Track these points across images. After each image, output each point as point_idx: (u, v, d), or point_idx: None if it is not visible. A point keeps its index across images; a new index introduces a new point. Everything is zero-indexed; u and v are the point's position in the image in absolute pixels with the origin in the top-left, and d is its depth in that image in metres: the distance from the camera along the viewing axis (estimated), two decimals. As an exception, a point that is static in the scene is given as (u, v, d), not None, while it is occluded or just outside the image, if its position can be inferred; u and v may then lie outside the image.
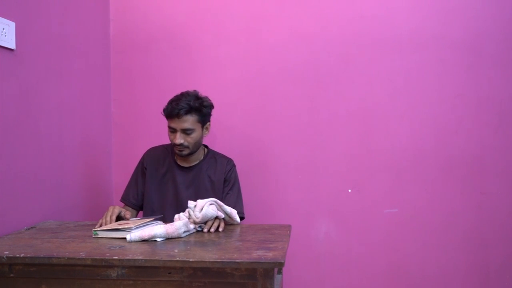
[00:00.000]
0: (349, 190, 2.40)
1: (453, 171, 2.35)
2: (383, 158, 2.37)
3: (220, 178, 2.01)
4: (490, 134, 2.33)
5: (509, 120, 2.32)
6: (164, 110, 1.93)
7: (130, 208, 2.00)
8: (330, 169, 2.40)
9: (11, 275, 1.37)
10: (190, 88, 2.01)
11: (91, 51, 2.31)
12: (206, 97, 1.98)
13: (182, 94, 1.94)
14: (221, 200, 1.94)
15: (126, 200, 2.03)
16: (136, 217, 2.00)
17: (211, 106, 1.98)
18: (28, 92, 1.80)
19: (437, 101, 2.34)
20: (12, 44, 1.69)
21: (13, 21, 1.70)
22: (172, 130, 1.91)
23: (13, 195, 1.71)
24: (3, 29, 1.64)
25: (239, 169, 2.25)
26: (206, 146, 2.10)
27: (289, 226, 1.73)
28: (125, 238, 1.52)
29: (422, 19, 2.33)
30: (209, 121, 2.00)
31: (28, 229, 1.71)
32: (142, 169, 2.04)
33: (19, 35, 1.73)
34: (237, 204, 1.99)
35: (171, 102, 1.91)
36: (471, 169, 2.34)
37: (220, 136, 2.42)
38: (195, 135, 1.92)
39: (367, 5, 2.36)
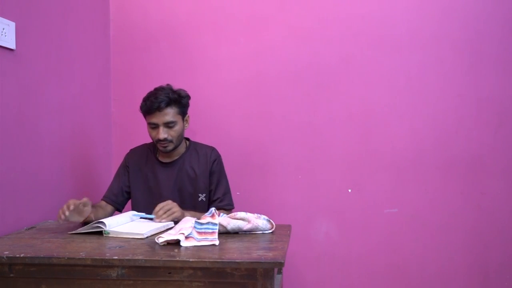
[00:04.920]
0: (349, 190, 2.40)
1: (453, 171, 2.35)
2: (383, 158, 2.37)
3: (205, 170, 1.99)
4: (490, 134, 2.33)
5: (509, 120, 2.32)
6: (142, 107, 1.91)
7: (110, 206, 1.97)
8: (330, 169, 2.40)
9: (11, 275, 1.37)
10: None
11: (91, 51, 2.31)
12: (181, 89, 1.96)
13: (156, 89, 1.92)
14: (209, 193, 1.99)
15: (106, 197, 1.98)
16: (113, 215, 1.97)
17: (188, 97, 1.96)
18: (28, 92, 1.80)
19: (437, 101, 2.34)
20: (12, 44, 1.69)
21: (13, 21, 1.70)
22: (154, 126, 1.89)
23: (13, 195, 1.71)
24: (3, 29, 1.64)
25: (239, 169, 2.26)
26: (187, 139, 2.07)
27: (289, 226, 1.73)
28: (133, 238, 1.53)
29: (422, 19, 2.33)
30: (188, 113, 1.99)
31: (28, 229, 1.71)
32: (125, 168, 2.02)
33: (19, 35, 1.73)
34: (226, 195, 2.00)
35: (147, 97, 1.89)
36: (471, 169, 2.34)
37: (220, 136, 2.42)
38: (177, 128, 1.91)
39: (367, 5, 2.36)
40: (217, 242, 1.45)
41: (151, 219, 1.73)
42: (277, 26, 2.40)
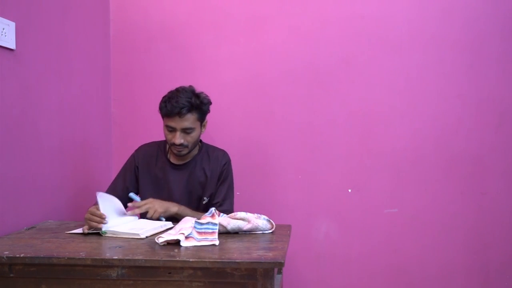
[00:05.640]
0: (349, 190, 2.40)
1: (453, 171, 2.35)
2: (383, 158, 2.37)
3: (215, 173, 1.95)
4: (490, 134, 2.33)
5: (509, 120, 2.32)
6: (161, 108, 1.84)
7: None
8: (330, 169, 2.40)
9: (11, 275, 1.37)
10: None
11: (91, 51, 2.31)
12: (203, 93, 1.91)
13: (178, 90, 1.86)
14: (212, 195, 1.95)
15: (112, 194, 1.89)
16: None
17: (209, 103, 1.91)
18: (28, 92, 1.80)
19: (437, 101, 2.34)
20: (12, 44, 1.69)
21: (13, 21, 1.70)
22: (171, 129, 1.84)
23: (13, 195, 1.71)
24: (3, 29, 1.64)
25: (239, 169, 2.25)
26: (200, 140, 2.02)
27: (289, 226, 1.73)
28: (129, 238, 1.53)
29: (422, 19, 2.33)
30: (206, 118, 1.94)
31: (28, 229, 1.71)
32: (133, 167, 1.97)
33: (19, 35, 1.73)
34: (225, 201, 1.95)
35: (169, 99, 1.82)
36: (471, 169, 2.34)
37: (219, 136, 2.41)
38: (194, 134, 1.86)
39: (367, 5, 2.36)
40: (217, 242, 1.45)
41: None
42: (277, 26, 2.40)
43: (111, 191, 1.93)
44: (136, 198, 1.78)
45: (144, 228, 1.61)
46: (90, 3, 2.31)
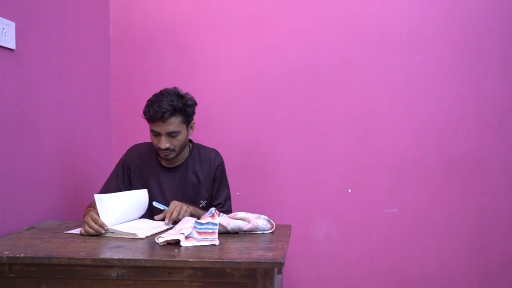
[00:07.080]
0: (349, 190, 2.40)
1: (453, 171, 2.35)
2: (383, 158, 2.37)
3: (208, 176, 1.92)
4: (490, 134, 2.33)
5: (509, 120, 2.32)
6: (144, 113, 1.79)
7: None
8: (330, 169, 2.40)
9: (11, 275, 1.37)
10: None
11: (91, 51, 2.31)
12: (187, 94, 1.85)
13: (161, 93, 1.81)
14: (211, 198, 1.94)
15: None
16: None
17: (194, 104, 1.86)
18: (28, 92, 1.80)
19: (437, 101, 2.35)
20: (12, 44, 1.69)
21: (13, 21, 1.70)
22: (156, 134, 1.79)
23: (13, 195, 1.71)
24: (3, 29, 1.64)
25: (238, 169, 2.26)
26: (190, 141, 1.99)
27: (289, 226, 1.73)
28: (129, 238, 1.53)
29: (422, 19, 2.34)
30: (193, 119, 1.89)
31: (28, 229, 1.71)
32: (125, 168, 1.94)
33: (19, 35, 1.73)
34: (227, 201, 1.95)
35: (151, 104, 1.77)
36: (471, 169, 2.34)
37: (220, 136, 2.42)
38: (180, 137, 1.81)
39: (367, 5, 2.36)
40: (217, 242, 1.45)
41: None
42: (277, 26, 2.40)
43: (104, 192, 1.89)
44: (162, 206, 1.73)
45: (142, 228, 1.61)
46: (90, 3, 2.31)
